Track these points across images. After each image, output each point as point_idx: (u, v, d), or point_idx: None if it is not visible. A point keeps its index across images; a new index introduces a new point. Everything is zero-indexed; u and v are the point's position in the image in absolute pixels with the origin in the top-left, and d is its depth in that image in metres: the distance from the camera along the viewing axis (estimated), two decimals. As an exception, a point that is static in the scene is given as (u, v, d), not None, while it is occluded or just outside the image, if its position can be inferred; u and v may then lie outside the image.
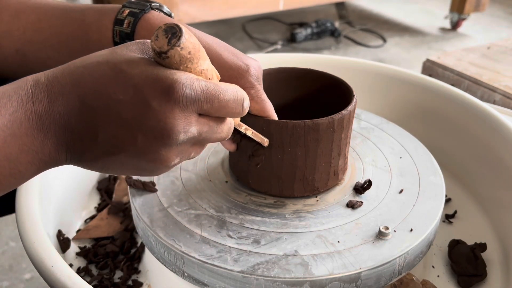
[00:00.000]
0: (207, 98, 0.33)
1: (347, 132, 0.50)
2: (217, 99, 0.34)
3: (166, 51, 0.31)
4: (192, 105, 0.33)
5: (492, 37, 2.37)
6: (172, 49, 0.31)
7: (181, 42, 0.32)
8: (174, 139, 0.33)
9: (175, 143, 0.33)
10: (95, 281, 0.54)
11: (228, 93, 0.35)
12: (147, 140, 0.33)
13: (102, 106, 0.32)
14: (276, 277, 0.42)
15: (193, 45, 0.33)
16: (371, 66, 0.79)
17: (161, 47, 0.32)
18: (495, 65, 1.12)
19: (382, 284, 0.45)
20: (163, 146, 0.33)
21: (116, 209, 0.63)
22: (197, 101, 0.33)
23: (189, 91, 0.32)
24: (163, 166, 0.35)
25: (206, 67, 0.35)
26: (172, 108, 0.32)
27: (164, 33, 0.32)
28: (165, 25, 0.32)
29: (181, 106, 0.32)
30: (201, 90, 0.33)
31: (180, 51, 0.32)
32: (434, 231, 0.49)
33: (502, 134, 0.61)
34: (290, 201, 0.51)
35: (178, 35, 0.31)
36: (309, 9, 2.69)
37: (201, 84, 0.33)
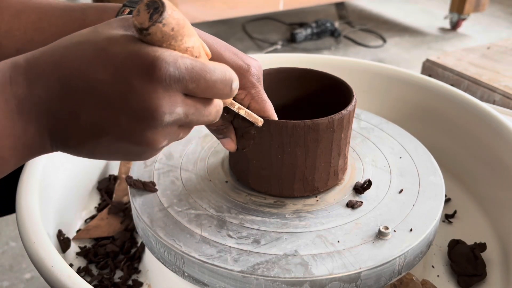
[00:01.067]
0: (192, 77, 0.31)
1: (347, 132, 0.50)
2: (204, 79, 0.32)
3: (147, 27, 0.30)
4: (176, 84, 0.31)
5: (492, 37, 2.37)
6: (154, 26, 0.30)
7: (163, 18, 0.30)
8: (159, 120, 0.31)
9: (161, 124, 0.32)
10: (95, 281, 0.54)
11: (216, 73, 0.33)
12: (131, 121, 0.31)
13: (83, 87, 0.31)
14: (276, 277, 0.42)
15: (177, 21, 0.31)
16: (371, 66, 0.79)
17: (142, 23, 0.30)
18: (495, 65, 1.12)
19: (382, 284, 0.45)
20: (148, 128, 0.32)
21: (116, 209, 0.63)
22: (182, 80, 0.31)
23: (173, 69, 0.30)
24: (151, 149, 0.33)
25: (192, 44, 0.33)
26: (155, 88, 0.30)
27: (146, 8, 0.30)
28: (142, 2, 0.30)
29: (165, 85, 0.30)
30: (186, 68, 0.31)
31: (162, 28, 0.30)
32: (434, 231, 0.49)
33: (502, 134, 0.61)
34: (290, 201, 0.51)
35: (160, 10, 0.30)
36: (309, 9, 2.69)
37: (186, 62, 0.31)
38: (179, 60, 0.31)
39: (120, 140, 0.32)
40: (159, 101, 0.31)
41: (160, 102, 0.31)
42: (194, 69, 0.31)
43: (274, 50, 2.20)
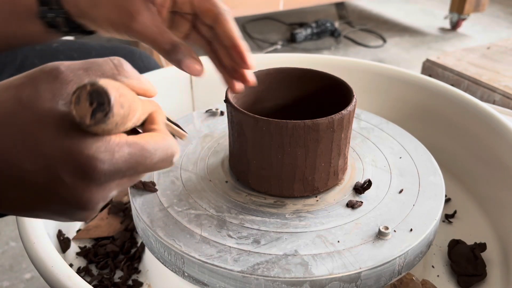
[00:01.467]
0: (130, 167, 0.29)
1: (347, 132, 0.50)
2: (143, 165, 0.30)
3: (88, 125, 0.26)
4: (112, 177, 0.28)
5: (491, 37, 2.37)
6: (95, 126, 0.26)
7: (108, 118, 0.26)
8: (92, 208, 0.30)
9: (93, 208, 0.30)
10: (95, 281, 0.54)
11: (157, 155, 0.30)
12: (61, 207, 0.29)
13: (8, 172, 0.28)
14: (276, 277, 0.42)
15: (122, 115, 0.27)
16: (371, 66, 0.79)
17: (82, 117, 0.26)
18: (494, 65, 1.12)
19: (382, 284, 0.45)
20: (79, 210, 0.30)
21: (116, 209, 0.63)
22: (118, 173, 0.28)
23: (108, 166, 0.28)
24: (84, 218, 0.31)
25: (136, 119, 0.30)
26: (88, 185, 0.28)
27: (89, 99, 0.25)
28: (92, 85, 0.25)
29: (99, 182, 0.28)
30: (123, 161, 0.28)
31: (105, 127, 0.26)
32: (434, 231, 0.49)
33: (502, 134, 0.61)
34: (290, 201, 0.51)
35: (105, 110, 0.25)
36: (309, 9, 2.69)
37: (123, 155, 0.28)
38: (116, 155, 0.28)
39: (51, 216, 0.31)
40: (92, 194, 0.29)
41: (93, 196, 0.29)
42: (132, 158, 0.29)
43: (274, 50, 2.20)
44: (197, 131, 0.64)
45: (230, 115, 0.51)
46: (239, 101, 0.54)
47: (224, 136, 0.62)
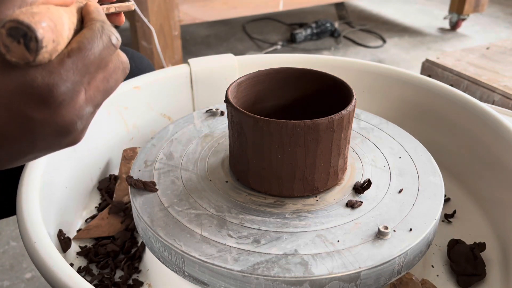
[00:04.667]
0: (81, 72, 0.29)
1: (346, 132, 0.50)
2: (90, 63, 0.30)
3: (33, 60, 0.26)
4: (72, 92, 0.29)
5: (491, 38, 2.37)
6: (39, 55, 0.26)
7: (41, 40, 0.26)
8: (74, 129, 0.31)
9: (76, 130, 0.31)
10: (96, 280, 0.54)
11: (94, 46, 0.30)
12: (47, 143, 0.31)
13: None
14: (276, 276, 0.42)
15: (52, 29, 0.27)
16: (371, 66, 0.79)
17: (24, 58, 0.26)
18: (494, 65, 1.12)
19: (381, 283, 0.45)
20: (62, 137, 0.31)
21: (116, 209, 0.63)
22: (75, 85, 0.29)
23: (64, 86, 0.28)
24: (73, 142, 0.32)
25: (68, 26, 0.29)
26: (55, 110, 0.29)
27: (13, 39, 0.25)
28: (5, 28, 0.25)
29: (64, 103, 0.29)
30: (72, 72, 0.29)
31: (48, 49, 0.26)
32: (434, 230, 0.50)
33: (501, 134, 0.61)
34: (290, 200, 0.51)
35: (31, 36, 0.25)
36: (309, 10, 2.69)
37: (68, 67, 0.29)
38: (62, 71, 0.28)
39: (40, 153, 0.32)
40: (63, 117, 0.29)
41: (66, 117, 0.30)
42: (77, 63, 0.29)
43: (274, 51, 2.20)
44: (197, 131, 0.64)
45: (230, 115, 0.51)
46: (239, 101, 0.54)
47: (224, 136, 0.62)
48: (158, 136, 0.63)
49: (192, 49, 2.25)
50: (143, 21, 1.66)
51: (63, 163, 0.61)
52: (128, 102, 0.73)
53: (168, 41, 1.74)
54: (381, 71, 0.78)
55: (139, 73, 0.77)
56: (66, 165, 0.62)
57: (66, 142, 0.32)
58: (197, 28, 2.51)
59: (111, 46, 0.31)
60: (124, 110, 0.73)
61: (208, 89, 0.80)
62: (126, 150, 0.70)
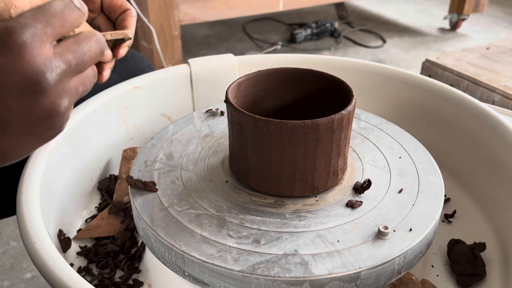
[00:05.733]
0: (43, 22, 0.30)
1: (346, 132, 0.50)
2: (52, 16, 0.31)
3: None
4: (35, 38, 0.29)
5: (491, 38, 2.37)
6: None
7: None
8: (44, 81, 0.30)
9: (49, 84, 0.30)
10: (96, 280, 0.54)
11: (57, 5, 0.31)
12: (20, 98, 0.30)
13: None
14: (276, 276, 0.42)
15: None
16: (371, 66, 0.79)
17: None
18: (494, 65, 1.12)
19: (381, 283, 0.45)
20: (39, 94, 0.30)
21: (116, 209, 0.63)
22: (38, 30, 0.29)
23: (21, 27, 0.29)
24: (57, 115, 0.32)
25: None
26: (20, 52, 0.29)
27: None
28: None
29: (27, 45, 0.29)
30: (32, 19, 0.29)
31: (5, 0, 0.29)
32: (434, 230, 0.50)
33: (501, 134, 0.61)
34: (290, 200, 0.51)
35: None
36: (309, 10, 2.70)
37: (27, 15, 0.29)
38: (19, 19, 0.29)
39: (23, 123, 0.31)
40: (31, 63, 0.29)
41: (34, 63, 0.29)
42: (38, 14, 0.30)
43: (274, 51, 2.20)
44: (197, 131, 0.64)
45: (230, 115, 0.51)
46: (239, 101, 0.54)
47: (224, 136, 0.62)
48: (158, 136, 0.63)
49: (192, 49, 2.25)
50: (143, 21, 1.66)
51: (63, 163, 0.61)
52: (128, 102, 0.73)
53: (168, 41, 1.74)
54: (381, 71, 0.78)
55: (139, 73, 0.77)
56: (66, 165, 0.62)
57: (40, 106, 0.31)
58: (197, 28, 2.51)
59: (74, 7, 0.32)
60: (124, 110, 0.73)
61: (208, 89, 0.80)
62: (126, 150, 0.70)
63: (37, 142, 0.33)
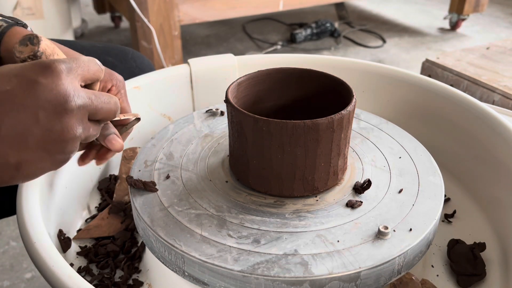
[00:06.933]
0: (77, 65, 0.39)
1: (346, 132, 0.50)
2: (83, 62, 0.40)
3: (37, 50, 0.38)
4: (71, 72, 0.38)
5: (491, 38, 2.37)
6: (41, 45, 0.39)
7: (40, 39, 0.39)
8: (71, 103, 0.36)
9: (73, 107, 0.37)
10: (96, 280, 0.54)
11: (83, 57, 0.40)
12: (48, 113, 0.36)
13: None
14: (276, 276, 0.42)
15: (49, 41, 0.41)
16: (371, 66, 0.79)
17: (32, 50, 0.39)
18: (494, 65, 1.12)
19: (381, 283, 0.45)
20: (64, 112, 0.36)
21: (116, 209, 0.63)
22: (73, 68, 0.38)
23: (63, 63, 0.37)
24: (71, 139, 0.37)
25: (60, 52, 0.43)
26: (58, 76, 0.36)
27: (23, 44, 0.39)
28: (17, 43, 0.39)
29: (64, 74, 0.37)
30: (68, 61, 0.38)
31: (46, 42, 0.39)
32: (434, 230, 0.50)
33: (501, 134, 0.61)
34: (290, 200, 0.51)
35: (33, 36, 0.39)
36: (309, 10, 2.70)
37: (64, 60, 0.38)
38: (61, 59, 0.38)
39: (42, 137, 0.36)
40: (64, 86, 0.37)
41: (66, 87, 0.37)
42: (71, 60, 0.39)
43: (274, 51, 2.20)
44: (197, 131, 0.64)
45: (230, 115, 0.51)
46: (239, 101, 0.54)
47: (224, 136, 0.62)
48: (158, 136, 0.63)
49: (192, 49, 2.25)
50: (143, 21, 1.66)
51: (63, 163, 0.61)
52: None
53: (168, 41, 1.74)
54: (381, 71, 0.78)
55: (140, 73, 0.77)
56: (66, 165, 0.62)
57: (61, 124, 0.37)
58: (197, 28, 2.51)
59: (96, 63, 0.42)
60: (124, 110, 0.73)
61: (208, 89, 0.80)
62: (126, 150, 0.70)
63: (49, 163, 0.38)
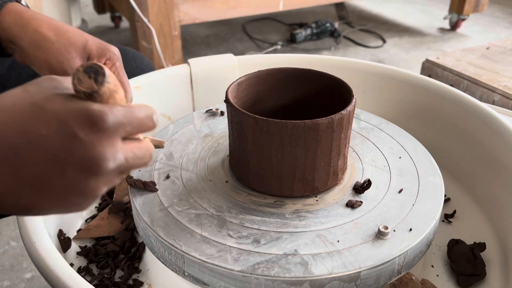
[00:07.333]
0: (128, 120, 0.34)
1: (346, 132, 0.50)
2: (136, 118, 0.35)
3: (98, 90, 0.33)
4: (117, 130, 0.33)
5: (491, 38, 2.37)
6: (103, 87, 0.33)
7: (107, 77, 0.33)
8: (104, 168, 0.33)
9: (105, 171, 0.33)
10: (96, 280, 0.54)
11: (142, 111, 0.36)
12: (76, 172, 0.32)
13: (25, 143, 0.31)
14: (276, 276, 0.42)
15: (114, 78, 0.35)
16: (371, 66, 0.79)
17: (91, 87, 0.33)
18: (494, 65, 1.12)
19: (381, 283, 0.45)
20: (93, 176, 0.33)
21: (116, 209, 0.63)
22: (121, 125, 0.34)
23: (112, 117, 0.33)
24: (92, 197, 0.34)
25: (121, 92, 0.37)
26: (99, 137, 0.32)
27: (86, 74, 0.33)
28: (82, 66, 0.33)
29: (108, 133, 0.33)
30: (122, 114, 0.34)
31: (109, 86, 0.34)
32: (434, 230, 0.50)
33: (501, 134, 0.61)
34: (290, 200, 0.51)
35: (102, 72, 0.33)
36: (308, 10, 2.70)
37: (119, 109, 0.34)
38: (114, 109, 0.34)
39: (63, 193, 0.33)
40: (103, 148, 0.32)
41: (105, 150, 0.32)
42: (127, 112, 0.35)
43: (274, 51, 2.20)
44: (197, 131, 0.64)
45: (230, 115, 0.51)
46: (239, 101, 0.54)
47: (224, 136, 0.62)
48: (158, 136, 0.63)
49: (192, 49, 2.25)
50: (143, 21, 1.65)
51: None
52: (128, 102, 0.73)
53: (168, 41, 1.74)
54: (381, 71, 0.78)
55: (140, 73, 0.77)
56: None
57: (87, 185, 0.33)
58: (197, 28, 2.51)
59: (151, 120, 0.37)
60: (124, 110, 0.73)
61: (208, 89, 0.80)
62: (126, 150, 0.70)
63: (60, 209, 0.35)
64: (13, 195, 0.33)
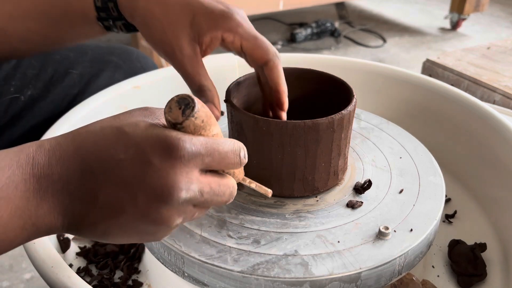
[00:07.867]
0: (207, 151, 0.33)
1: (347, 132, 0.50)
2: (217, 151, 0.34)
3: (181, 122, 0.32)
4: (194, 159, 0.32)
5: (491, 37, 2.37)
6: (187, 120, 0.32)
7: (195, 112, 0.32)
8: (176, 197, 0.32)
9: (177, 201, 0.32)
10: (95, 281, 0.54)
11: (226, 145, 0.35)
12: (148, 199, 0.32)
13: (103, 168, 0.32)
14: (276, 277, 0.42)
15: (205, 114, 0.34)
16: (371, 66, 0.79)
17: (176, 118, 0.32)
18: (494, 65, 1.12)
19: (382, 284, 0.45)
20: (164, 204, 0.32)
21: (116, 209, 0.63)
22: (198, 155, 0.33)
23: (189, 145, 0.32)
24: (165, 227, 0.34)
25: (216, 131, 0.36)
26: (173, 164, 0.32)
27: (177, 105, 0.32)
28: (177, 96, 0.33)
29: (183, 162, 0.32)
30: (201, 144, 0.33)
31: (195, 121, 0.33)
32: (434, 231, 0.49)
33: (502, 134, 0.61)
34: (290, 201, 0.51)
35: (191, 106, 0.32)
36: (309, 9, 2.69)
37: (200, 139, 0.33)
38: (194, 138, 0.33)
39: (135, 219, 0.33)
40: (176, 177, 0.32)
41: (178, 178, 0.32)
42: (208, 143, 0.33)
43: (274, 50, 2.20)
44: (197, 131, 0.64)
45: (230, 115, 0.51)
46: (239, 101, 0.54)
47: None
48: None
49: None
50: (143, 21, 1.65)
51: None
52: (128, 102, 0.73)
53: (168, 41, 1.74)
54: (381, 71, 0.78)
55: None
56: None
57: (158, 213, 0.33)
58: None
59: (238, 155, 0.35)
60: (124, 109, 0.73)
61: (208, 89, 0.80)
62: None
63: (134, 237, 0.35)
64: (88, 217, 0.33)
